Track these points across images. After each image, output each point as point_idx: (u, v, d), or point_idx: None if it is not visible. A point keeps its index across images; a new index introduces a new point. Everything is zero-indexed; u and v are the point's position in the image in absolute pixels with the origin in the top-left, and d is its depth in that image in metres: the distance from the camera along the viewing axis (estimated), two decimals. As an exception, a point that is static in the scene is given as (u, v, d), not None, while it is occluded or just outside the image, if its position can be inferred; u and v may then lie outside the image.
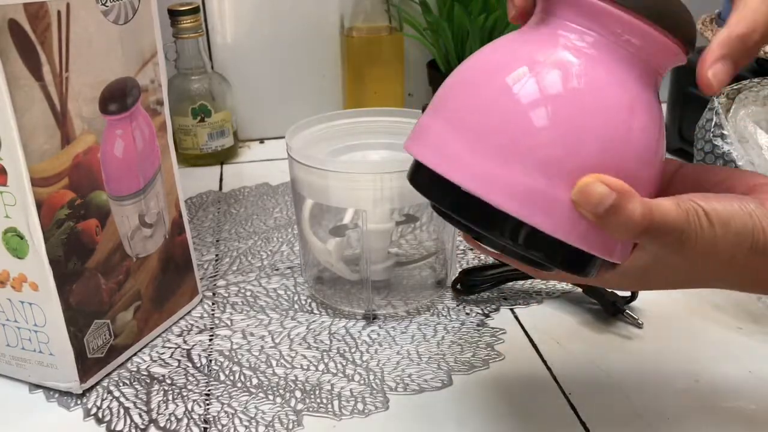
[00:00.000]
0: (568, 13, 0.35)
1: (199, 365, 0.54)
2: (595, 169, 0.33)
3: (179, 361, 0.55)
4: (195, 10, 0.85)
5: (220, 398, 0.51)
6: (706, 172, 0.39)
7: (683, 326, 0.55)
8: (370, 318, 0.58)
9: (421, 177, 0.39)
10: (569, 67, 0.34)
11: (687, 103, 0.83)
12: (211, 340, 0.57)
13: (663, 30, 0.35)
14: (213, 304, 0.62)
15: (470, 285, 0.61)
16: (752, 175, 0.37)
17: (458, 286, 0.61)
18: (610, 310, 0.56)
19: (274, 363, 0.54)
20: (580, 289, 0.59)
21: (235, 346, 0.56)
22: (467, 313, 0.59)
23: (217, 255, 0.69)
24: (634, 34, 0.35)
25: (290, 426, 0.48)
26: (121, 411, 0.50)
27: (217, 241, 0.72)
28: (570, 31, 0.35)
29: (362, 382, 0.52)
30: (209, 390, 0.52)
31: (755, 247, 0.34)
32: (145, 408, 0.50)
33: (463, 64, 0.38)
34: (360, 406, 0.49)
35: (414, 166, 0.39)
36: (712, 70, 0.34)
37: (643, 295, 0.57)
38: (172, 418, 0.49)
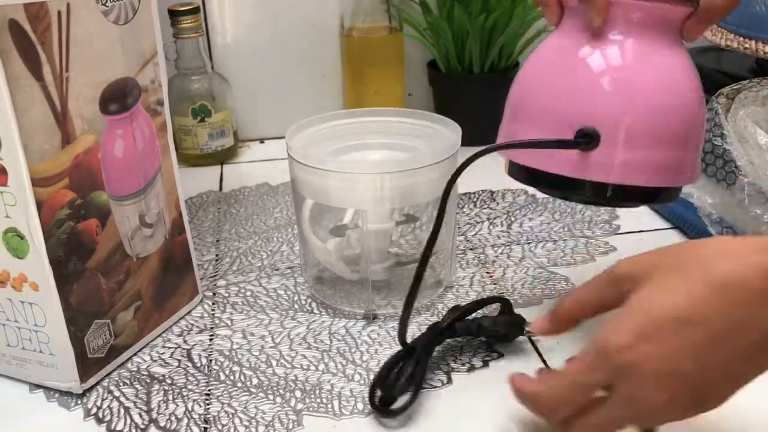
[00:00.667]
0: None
1: (199, 365, 0.54)
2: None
3: (179, 360, 0.55)
4: (195, 10, 0.85)
5: (220, 398, 0.51)
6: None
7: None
8: (370, 318, 0.58)
9: (523, 173, 0.51)
10: (612, 56, 0.46)
11: (687, 103, 0.83)
12: (211, 340, 0.57)
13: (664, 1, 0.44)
14: (213, 304, 0.62)
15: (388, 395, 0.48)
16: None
17: (376, 402, 0.48)
18: None
19: (274, 363, 0.54)
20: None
21: (235, 346, 0.56)
22: (467, 313, 0.59)
23: (217, 255, 0.69)
24: (644, 12, 0.45)
25: (290, 426, 0.48)
26: (122, 411, 0.50)
27: (218, 241, 0.72)
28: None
29: (362, 382, 0.52)
30: (209, 390, 0.52)
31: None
32: (145, 408, 0.50)
33: (526, 71, 0.50)
34: (360, 406, 0.49)
35: (514, 166, 0.51)
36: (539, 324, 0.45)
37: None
38: (173, 418, 0.49)
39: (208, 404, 0.50)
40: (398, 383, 0.48)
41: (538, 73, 0.49)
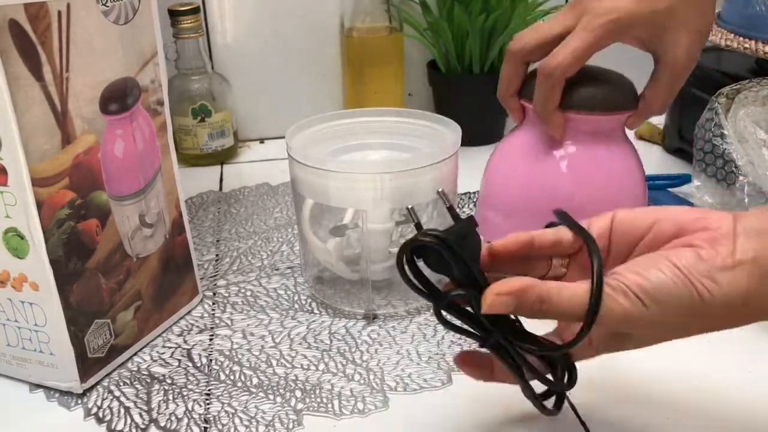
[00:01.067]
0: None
1: (199, 365, 0.54)
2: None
3: (179, 360, 0.55)
4: (195, 10, 0.85)
5: (220, 398, 0.51)
6: (636, 219, 0.39)
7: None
8: (370, 318, 0.58)
9: None
10: (567, 162, 0.56)
11: (687, 103, 0.83)
12: (211, 339, 0.57)
13: (602, 113, 0.54)
14: (213, 303, 0.62)
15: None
16: (679, 212, 0.38)
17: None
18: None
19: (274, 363, 0.54)
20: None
21: (235, 346, 0.56)
22: (467, 313, 0.59)
23: (217, 255, 0.69)
24: (590, 123, 0.54)
25: (290, 425, 0.48)
26: (122, 411, 0.50)
27: (218, 241, 0.72)
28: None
29: (362, 381, 0.52)
30: (209, 390, 0.52)
31: (694, 313, 0.35)
32: (145, 408, 0.50)
33: (495, 164, 0.61)
34: (360, 405, 0.49)
35: None
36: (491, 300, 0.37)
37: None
38: (173, 418, 0.49)
39: (208, 404, 0.50)
40: None
41: (505, 171, 0.59)
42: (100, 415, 0.50)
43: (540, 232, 0.40)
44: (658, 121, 0.92)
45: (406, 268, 0.38)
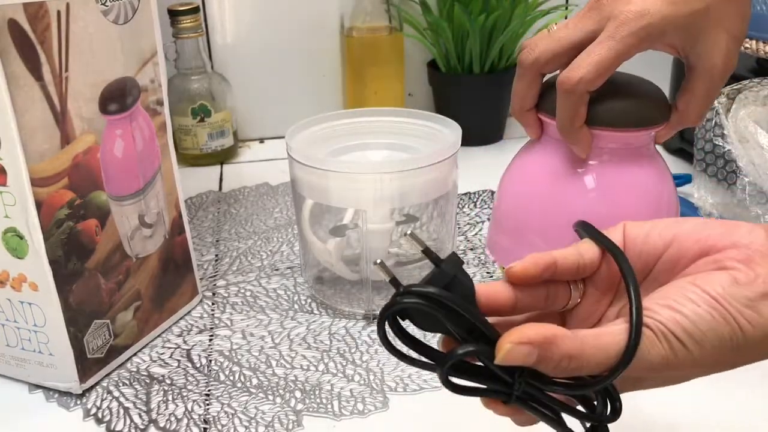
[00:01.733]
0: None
1: (198, 365, 0.54)
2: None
3: (179, 361, 0.55)
4: (195, 10, 0.85)
5: (219, 398, 0.51)
6: (649, 235, 0.34)
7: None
8: (371, 318, 0.58)
9: None
10: (591, 182, 0.50)
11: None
12: (211, 340, 0.57)
13: (633, 129, 0.48)
14: (213, 304, 0.62)
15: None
16: (699, 226, 0.33)
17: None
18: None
19: (274, 363, 0.54)
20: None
21: (235, 347, 0.56)
22: (467, 313, 0.59)
23: (217, 255, 0.69)
24: (617, 140, 0.49)
25: (290, 426, 0.48)
26: (121, 411, 0.50)
27: (217, 241, 0.72)
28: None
29: (362, 382, 0.52)
30: (209, 390, 0.51)
31: (736, 349, 0.31)
32: (144, 408, 0.50)
33: (511, 184, 0.55)
34: (360, 406, 0.49)
35: None
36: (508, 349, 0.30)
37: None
38: (172, 419, 0.49)
39: (207, 404, 0.50)
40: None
41: (521, 191, 0.54)
42: (100, 415, 0.50)
43: (562, 252, 0.34)
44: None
45: (390, 337, 0.33)
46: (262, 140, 0.99)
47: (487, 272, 0.65)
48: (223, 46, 0.94)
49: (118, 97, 0.50)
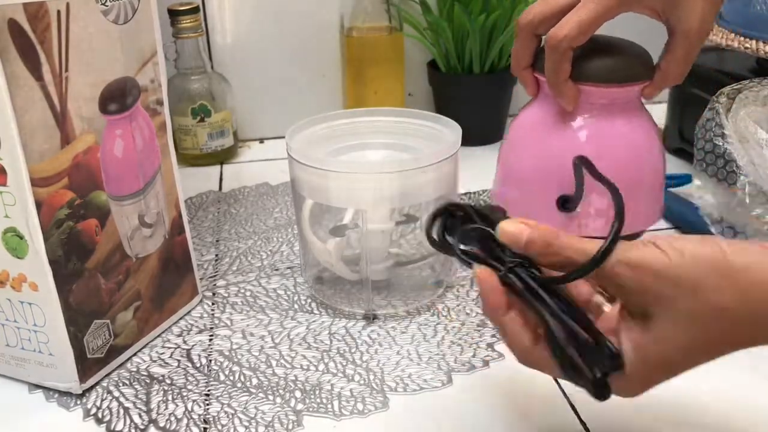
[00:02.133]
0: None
1: (198, 365, 0.54)
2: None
3: (179, 361, 0.55)
4: (195, 10, 0.85)
5: (219, 398, 0.51)
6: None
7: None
8: (371, 318, 0.58)
9: None
10: (582, 133, 0.54)
11: (687, 103, 0.83)
12: (210, 340, 0.57)
13: (617, 85, 0.52)
14: (213, 304, 0.62)
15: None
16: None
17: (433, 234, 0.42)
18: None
19: (274, 363, 0.54)
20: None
21: (234, 346, 0.56)
22: (467, 313, 0.59)
23: (217, 255, 0.69)
24: (605, 96, 0.53)
25: (290, 426, 0.48)
26: (121, 411, 0.50)
27: (217, 241, 0.72)
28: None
29: (362, 382, 0.52)
30: (209, 390, 0.51)
31: (718, 269, 0.34)
32: (144, 408, 0.50)
33: (512, 139, 0.59)
34: (360, 406, 0.49)
35: None
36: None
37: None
38: (172, 419, 0.49)
39: (207, 404, 0.50)
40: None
41: (520, 145, 0.58)
42: (100, 415, 0.50)
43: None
44: (659, 121, 0.92)
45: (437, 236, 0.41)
46: (262, 140, 0.99)
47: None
48: (223, 46, 0.94)
49: (118, 97, 0.50)
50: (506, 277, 0.38)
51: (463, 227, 0.40)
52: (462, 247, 0.40)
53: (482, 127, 0.92)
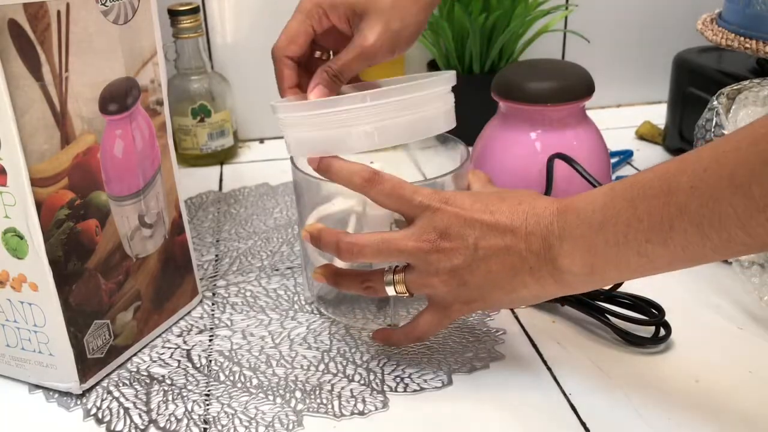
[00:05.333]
0: None
1: (199, 365, 0.54)
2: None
3: (179, 361, 0.55)
4: (195, 10, 0.85)
5: (220, 398, 0.51)
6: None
7: (683, 326, 0.55)
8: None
9: None
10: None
11: (687, 103, 0.83)
12: (211, 340, 0.57)
13: (564, 103, 0.66)
14: (213, 304, 0.62)
15: None
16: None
17: None
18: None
19: (274, 363, 0.54)
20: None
21: (235, 347, 0.56)
22: (467, 314, 0.59)
23: (217, 255, 0.69)
24: (547, 114, 0.66)
25: (290, 426, 0.48)
26: (121, 411, 0.50)
27: (217, 241, 0.72)
28: None
29: (362, 382, 0.52)
30: (209, 390, 0.51)
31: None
32: (144, 408, 0.50)
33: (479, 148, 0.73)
34: (360, 406, 0.49)
35: None
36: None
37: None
38: (172, 419, 0.49)
39: (207, 405, 0.50)
40: None
41: (492, 155, 0.70)
42: (100, 415, 0.50)
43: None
44: (659, 121, 0.92)
45: None
46: (262, 140, 0.99)
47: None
48: (223, 46, 0.94)
49: (118, 97, 0.50)
50: None
51: None
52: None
53: (482, 127, 0.92)
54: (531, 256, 0.44)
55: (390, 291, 0.49)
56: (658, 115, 0.94)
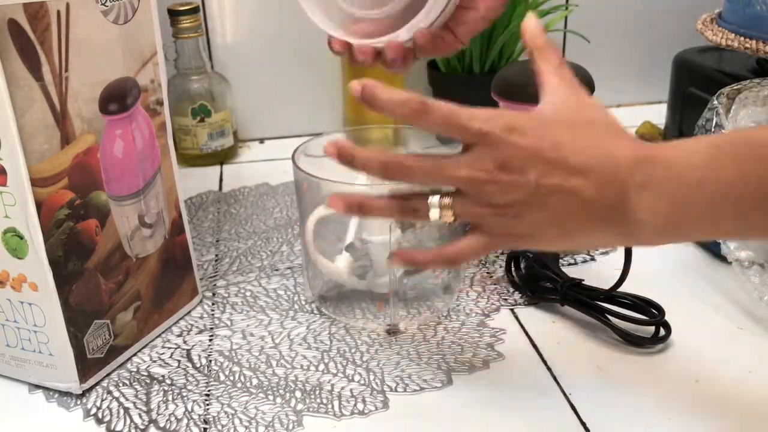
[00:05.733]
0: None
1: (198, 365, 0.54)
2: None
3: (179, 361, 0.55)
4: (195, 10, 0.85)
5: (220, 398, 0.51)
6: None
7: (683, 326, 0.55)
8: (395, 332, 0.57)
9: None
10: None
11: (687, 103, 0.83)
12: (211, 340, 0.57)
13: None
14: (213, 304, 0.62)
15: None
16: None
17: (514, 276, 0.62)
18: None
19: (274, 363, 0.54)
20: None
21: (235, 347, 0.56)
22: (467, 313, 0.59)
23: (217, 255, 0.69)
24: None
25: (290, 426, 0.48)
26: (121, 411, 0.50)
27: (217, 241, 0.72)
28: None
29: (362, 382, 0.52)
30: (209, 390, 0.51)
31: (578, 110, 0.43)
32: (144, 408, 0.50)
33: None
34: (360, 406, 0.49)
35: None
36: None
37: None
38: (172, 419, 0.49)
39: (207, 405, 0.50)
40: None
41: None
42: (100, 415, 0.50)
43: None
44: (659, 121, 0.92)
45: None
46: (262, 140, 0.99)
47: (487, 272, 0.65)
48: (223, 46, 0.94)
49: (118, 97, 0.50)
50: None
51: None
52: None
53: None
54: (600, 203, 0.40)
55: (434, 215, 0.44)
56: (658, 115, 0.93)
